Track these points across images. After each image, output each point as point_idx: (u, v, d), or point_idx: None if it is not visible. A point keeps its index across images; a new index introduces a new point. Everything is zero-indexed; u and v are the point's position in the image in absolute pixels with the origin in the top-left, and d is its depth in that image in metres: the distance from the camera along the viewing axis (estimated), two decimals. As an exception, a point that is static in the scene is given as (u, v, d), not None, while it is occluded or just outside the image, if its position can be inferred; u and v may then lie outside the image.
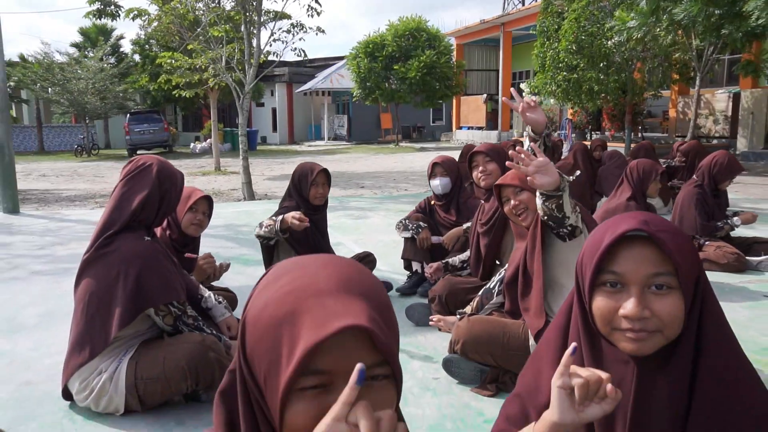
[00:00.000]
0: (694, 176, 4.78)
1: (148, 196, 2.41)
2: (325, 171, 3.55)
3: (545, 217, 2.18)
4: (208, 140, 26.95)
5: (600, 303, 1.10)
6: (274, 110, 32.84)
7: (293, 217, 3.08)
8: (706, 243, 4.52)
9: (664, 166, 7.02)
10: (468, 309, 2.85)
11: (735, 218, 4.54)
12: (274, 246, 3.43)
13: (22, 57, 28.91)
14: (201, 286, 2.84)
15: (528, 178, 2.02)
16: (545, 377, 1.19)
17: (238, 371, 0.82)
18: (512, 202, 2.57)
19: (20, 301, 4.01)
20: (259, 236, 3.32)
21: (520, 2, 28.36)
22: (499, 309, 2.77)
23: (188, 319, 2.41)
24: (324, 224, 3.71)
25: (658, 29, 10.46)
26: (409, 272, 4.13)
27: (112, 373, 2.26)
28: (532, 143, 2.29)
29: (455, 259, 3.68)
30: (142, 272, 2.29)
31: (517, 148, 2.02)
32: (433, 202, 4.18)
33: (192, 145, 27.44)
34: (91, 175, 16.68)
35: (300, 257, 0.85)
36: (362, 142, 27.73)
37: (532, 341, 2.40)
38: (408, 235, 4.01)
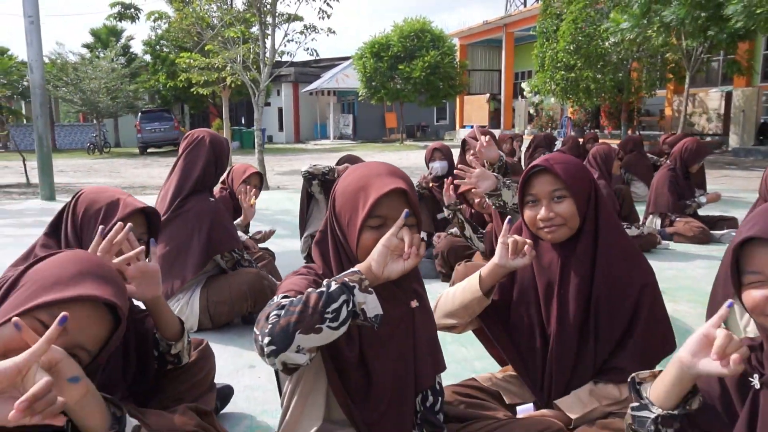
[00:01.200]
0: (668, 161, 5.41)
1: (206, 162, 3.04)
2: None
3: (495, 207, 2.87)
4: (217, 138, 27.64)
5: (527, 214, 1.78)
6: (280, 110, 33.47)
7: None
8: (677, 219, 5.15)
9: (651, 163, 7.65)
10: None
11: (701, 197, 5.17)
12: (311, 197, 4.06)
13: (35, 57, 29.64)
14: None
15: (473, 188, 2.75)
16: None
17: (329, 224, 1.47)
18: (476, 200, 3.28)
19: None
20: (305, 171, 3.93)
21: (522, 4, 28.96)
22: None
23: (245, 262, 3.06)
24: None
25: (650, 31, 11.07)
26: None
27: (188, 299, 2.91)
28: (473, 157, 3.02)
29: (456, 231, 4.32)
30: (211, 227, 2.93)
31: (461, 166, 2.78)
32: (431, 185, 4.80)
33: (201, 143, 28.13)
34: (107, 171, 17.32)
35: (362, 163, 1.49)
36: (367, 141, 28.35)
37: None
38: None
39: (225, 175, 3.65)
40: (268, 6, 10.35)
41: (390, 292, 1.43)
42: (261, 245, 3.91)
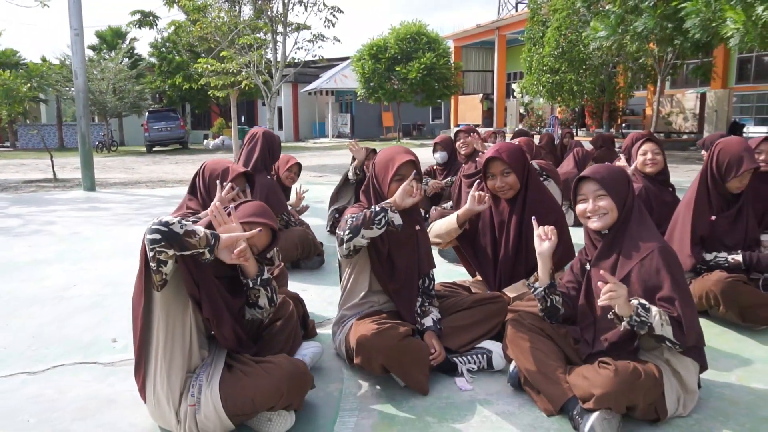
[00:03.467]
0: (621, 155, 6.57)
1: (261, 149, 4.19)
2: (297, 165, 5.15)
3: None
4: (221, 137, 28.77)
5: (489, 183, 2.95)
6: (280, 109, 34.44)
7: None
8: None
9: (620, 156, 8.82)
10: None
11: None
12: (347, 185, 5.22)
13: (43, 59, 30.64)
14: None
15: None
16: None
17: (371, 180, 2.63)
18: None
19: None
20: (353, 175, 5.06)
21: (513, 8, 30.12)
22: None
23: (292, 224, 4.20)
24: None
25: (625, 39, 12.23)
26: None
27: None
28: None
29: (447, 206, 5.50)
30: (267, 195, 4.06)
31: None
32: (435, 168, 6.02)
33: (205, 141, 29.23)
34: (121, 167, 18.30)
35: (389, 147, 2.65)
36: (365, 139, 29.40)
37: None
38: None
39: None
40: (279, 15, 11.48)
41: (404, 218, 2.58)
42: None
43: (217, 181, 2.83)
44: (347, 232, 2.38)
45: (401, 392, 2.42)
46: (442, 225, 2.97)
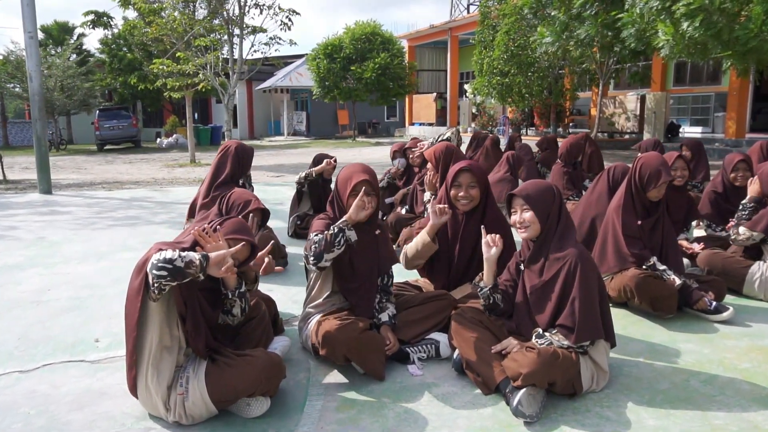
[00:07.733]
0: (558, 159, 7.10)
1: (232, 163, 4.49)
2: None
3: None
4: (174, 135, 28.47)
5: (452, 192, 3.30)
6: (234, 107, 34.14)
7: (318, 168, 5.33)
8: (566, 201, 6.83)
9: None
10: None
11: (587, 182, 6.88)
12: (302, 193, 5.53)
13: (-15, 54, 29.64)
14: None
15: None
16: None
17: (334, 193, 2.98)
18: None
19: (117, 237, 6.01)
20: (297, 183, 5.39)
21: (465, 9, 30.78)
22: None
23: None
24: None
25: (569, 45, 12.88)
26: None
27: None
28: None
29: (402, 211, 5.89)
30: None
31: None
32: (393, 172, 6.40)
33: (158, 140, 28.89)
34: (72, 167, 18.01)
35: (351, 164, 3.00)
36: (321, 138, 29.64)
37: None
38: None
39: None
40: (236, 18, 11.64)
41: (363, 227, 2.93)
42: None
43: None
44: (312, 258, 2.76)
45: (361, 379, 2.79)
46: (417, 248, 3.27)
